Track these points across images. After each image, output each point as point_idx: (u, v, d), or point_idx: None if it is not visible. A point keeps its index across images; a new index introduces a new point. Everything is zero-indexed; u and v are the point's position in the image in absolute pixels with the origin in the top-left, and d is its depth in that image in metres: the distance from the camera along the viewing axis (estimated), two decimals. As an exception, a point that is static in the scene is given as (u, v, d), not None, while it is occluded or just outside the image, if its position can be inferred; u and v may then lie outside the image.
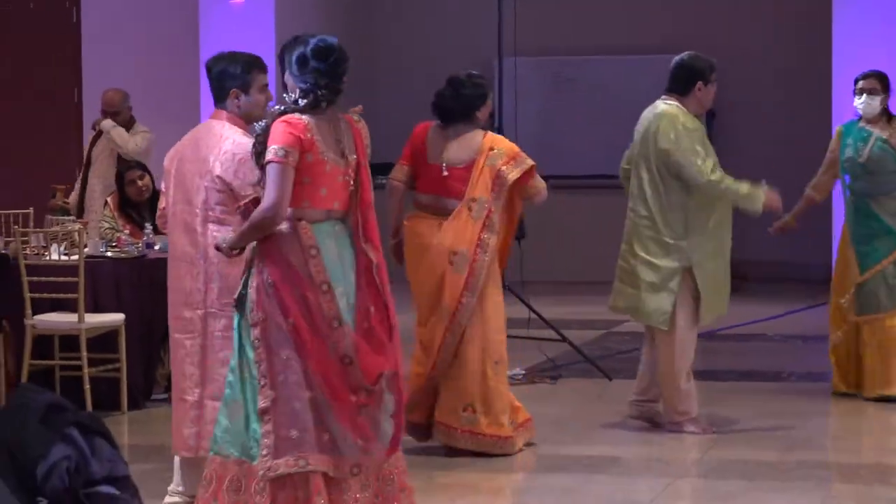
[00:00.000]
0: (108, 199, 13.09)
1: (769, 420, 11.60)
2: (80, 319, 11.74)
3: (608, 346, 15.11)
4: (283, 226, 7.25)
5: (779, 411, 11.87)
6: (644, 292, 10.43)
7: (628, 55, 20.00)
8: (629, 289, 10.63)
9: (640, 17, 20.26)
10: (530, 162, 10.05)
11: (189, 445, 7.84)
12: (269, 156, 7.18)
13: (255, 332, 7.27)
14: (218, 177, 7.90)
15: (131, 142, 14.52)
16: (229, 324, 7.74)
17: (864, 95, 11.54)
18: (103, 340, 12.03)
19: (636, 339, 12.83)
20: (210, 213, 7.97)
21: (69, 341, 11.97)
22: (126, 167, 13.24)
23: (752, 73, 19.68)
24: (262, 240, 7.30)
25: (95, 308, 11.89)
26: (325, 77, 7.40)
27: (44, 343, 12.05)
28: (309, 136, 7.24)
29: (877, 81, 11.60)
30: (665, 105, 10.43)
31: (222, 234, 7.80)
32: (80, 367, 11.76)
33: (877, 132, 11.50)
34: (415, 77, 17.74)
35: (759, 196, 10.32)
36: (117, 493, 4.74)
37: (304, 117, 7.30)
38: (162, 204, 8.39)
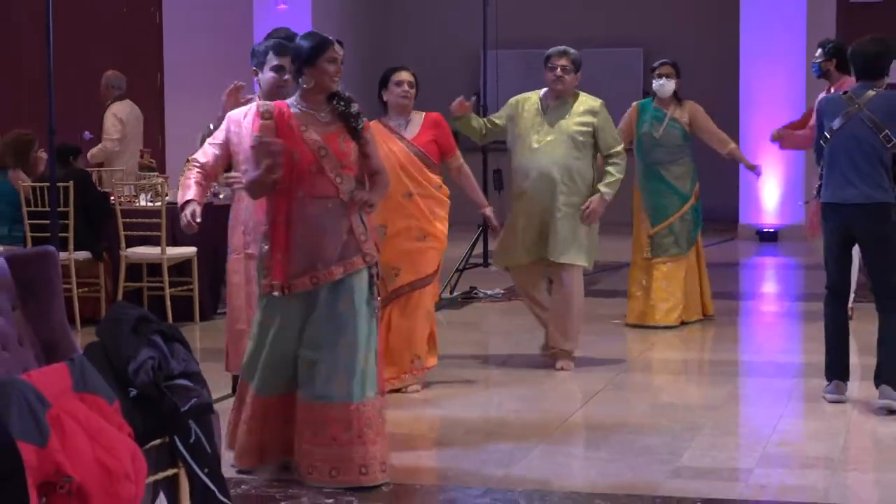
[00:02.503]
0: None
1: (689, 329, 11.67)
2: (162, 251, 11.81)
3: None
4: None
5: (696, 323, 11.94)
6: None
7: (595, 48, 19.88)
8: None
9: (602, 15, 20.12)
10: None
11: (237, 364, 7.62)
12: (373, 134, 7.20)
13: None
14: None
15: None
16: None
17: (663, 79, 11.41)
18: (180, 267, 12.13)
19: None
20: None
21: (153, 268, 12.06)
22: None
23: (684, 60, 19.61)
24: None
25: (174, 242, 11.94)
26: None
27: (134, 270, 12.12)
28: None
29: (672, 68, 11.47)
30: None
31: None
32: (162, 288, 11.84)
33: (669, 112, 11.41)
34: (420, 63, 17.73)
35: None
36: (191, 385, 4.76)
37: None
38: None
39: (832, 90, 11.14)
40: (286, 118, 6.96)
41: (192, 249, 11.93)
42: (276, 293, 6.90)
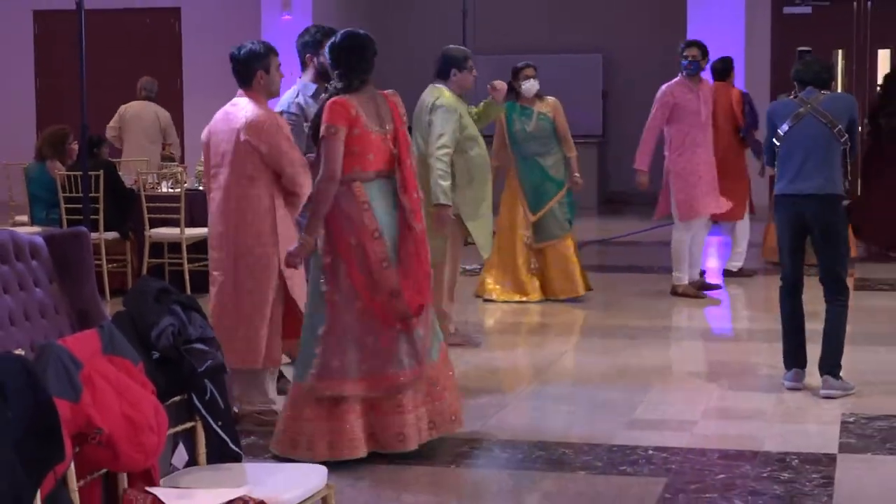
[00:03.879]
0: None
1: (645, 299, 11.69)
2: (181, 232, 11.77)
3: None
4: (341, 188, 6.48)
5: (651, 292, 11.96)
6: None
7: (559, 53, 19.82)
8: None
9: (566, 24, 20.08)
10: None
11: None
12: (321, 133, 6.51)
13: (326, 260, 6.54)
14: (245, 141, 7.01)
15: None
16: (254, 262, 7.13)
17: (529, 80, 11.12)
18: (197, 246, 12.07)
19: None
20: (242, 170, 7.09)
21: (174, 247, 12.01)
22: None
23: (637, 65, 19.56)
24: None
25: (191, 224, 11.90)
26: (357, 62, 6.65)
27: (157, 248, 12.10)
28: (354, 112, 6.49)
29: (534, 70, 11.21)
30: (435, 87, 9.29)
31: (254, 189, 7.08)
32: (181, 264, 11.81)
33: (535, 108, 11.19)
34: (397, 71, 17.61)
35: (437, 198, 8.83)
36: (206, 348, 4.76)
37: (348, 97, 6.54)
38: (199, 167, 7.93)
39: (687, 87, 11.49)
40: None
41: (207, 230, 11.90)
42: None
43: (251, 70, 7.11)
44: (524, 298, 11.28)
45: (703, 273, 12.33)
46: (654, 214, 12.10)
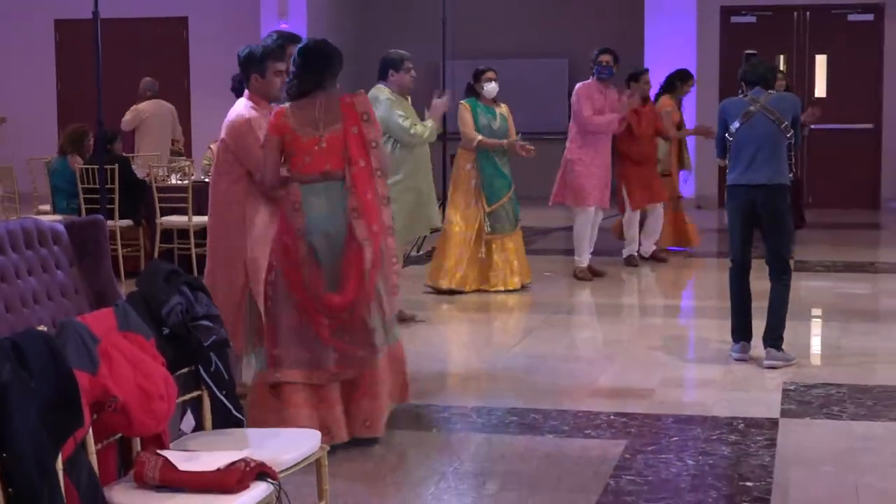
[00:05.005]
0: (212, 146, 13.05)
1: (607, 279, 11.70)
2: (189, 220, 11.75)
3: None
4: (284, 189, 6.30)
5: (605, 276, 11.98)
6: None
7: (528, 58, 19.80)
8: None
9: (536, 30, 20.06)
10: None
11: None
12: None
13: (271, 257, 6.33)
14: (222, 139, 6.83)
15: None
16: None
17: (492, 82, 10.87)
18: (203, 232, 12.04)
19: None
20: (220, 166, 6.87)
21: (182, 233, 12.00)
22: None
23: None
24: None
25: (198, 212, 11.86)
26: (305, 70, 6.35)
27: (167, 234, 12.07)
28: (283, 120, 6.22)
29: (495, 74, 11.00)
30: (376, 87, 9.29)
31: (227, 184, 6.78)
32: (189, 249, 11.79)
33: (497, 109, 10.98)
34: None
35: (430, 126, 9.26)
36: (211, 325, 4.75)
37: (287, 105, 6.32)
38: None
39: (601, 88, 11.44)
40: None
41: (214, 219, 11.92)
42: None
43: (247, 73, 6.87)
44: (473, 288, 10.87)
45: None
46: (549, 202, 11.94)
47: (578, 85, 11.57)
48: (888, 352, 8.61)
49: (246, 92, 6.93)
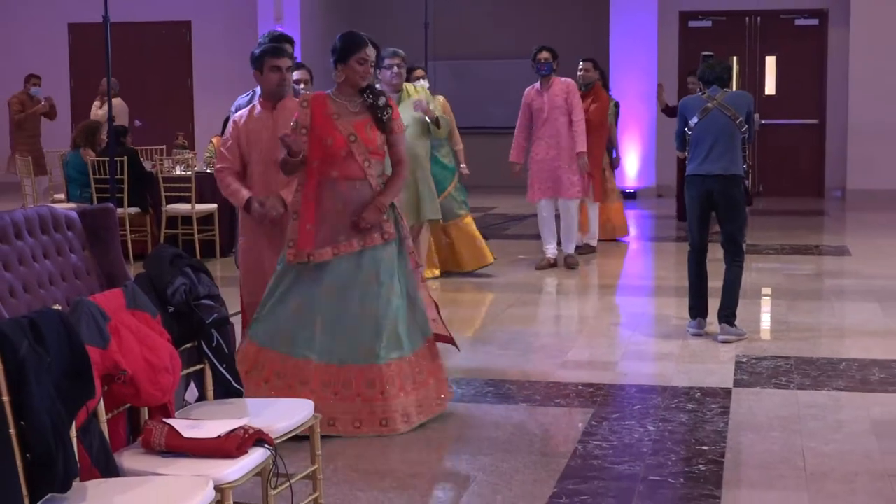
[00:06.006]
0: (213, 139, 12.99)
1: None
2: (192, 207, 11.74)
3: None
4: None
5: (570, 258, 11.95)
6: None
7: (509, 59, 19.76)
8: None
9: (513, 31, 20.02)
10: None
11: None
12: (400, 126, 6.06)
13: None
14: None
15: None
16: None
17: (420, 80, 10.36)
18: (205, 219, 12.05)
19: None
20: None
21: (186, 219, 11.98)
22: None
23: (568, 69, 19.51)
24: None
25: (200, 200, 11.87)
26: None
27: (172, 221, 12.05)
28: None
29: (423, 71, 10.75)
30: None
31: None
32: (192, 234, 11.78)
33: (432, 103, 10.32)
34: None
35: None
36: (213, 304, 4.73)
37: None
38: None
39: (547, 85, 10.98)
40: (322, 107, 5.97)
41: (213, 206, 11.88)
42: (301, 260, 5.92)
43: (254, 70, 6.54)
44: (437, 273, 10.72)
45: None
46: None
47: (529, 88, 11.23)
48: (831, 327, 8.64)
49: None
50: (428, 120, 9.36)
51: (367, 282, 5.93)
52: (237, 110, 6.93)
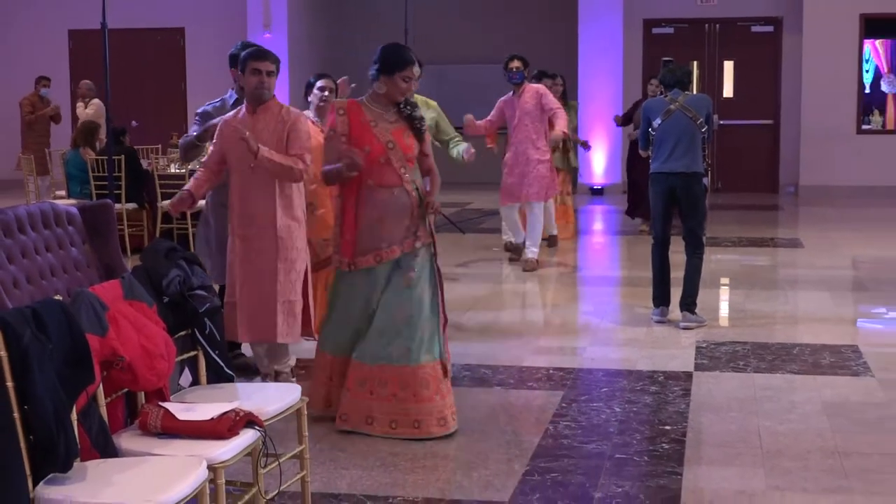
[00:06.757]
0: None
1: (544, 252, 11.69)
2: (186, 203, 11.70)
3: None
4: None
5: (547, 247, 11.95)
6: None
7: (489, 64, 19.72)
8: None
9: (492, 37, 20.00)
10: None
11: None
12: (429, 135, 5.82)
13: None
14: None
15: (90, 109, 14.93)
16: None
17: (324, 92, 10.03)
18: (198, 214, 11.90)
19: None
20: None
21: (181, 215, 11.90)
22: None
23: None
24: None
25: (194, 197, 11.84)
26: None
27: (167, 216, 11.96)
28: None
29: (326, 82, 10.37)
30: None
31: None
32: (186, 229, 11.71)
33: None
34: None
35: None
36: (206, 294, 4.71)
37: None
38: None
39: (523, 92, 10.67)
40: (358, 115, 5.70)
41: (207, 200, 11.80)
42: (344, 268, 5.72)
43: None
44: None
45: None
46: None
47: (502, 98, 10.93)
48: (785, 314, 8.67)
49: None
50: (465, 158, 9.11)
51: (401, 283, 5.67)
52: (203, 116, 6.79)
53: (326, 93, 7.15)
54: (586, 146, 12.87)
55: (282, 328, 6.05)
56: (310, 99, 7.18)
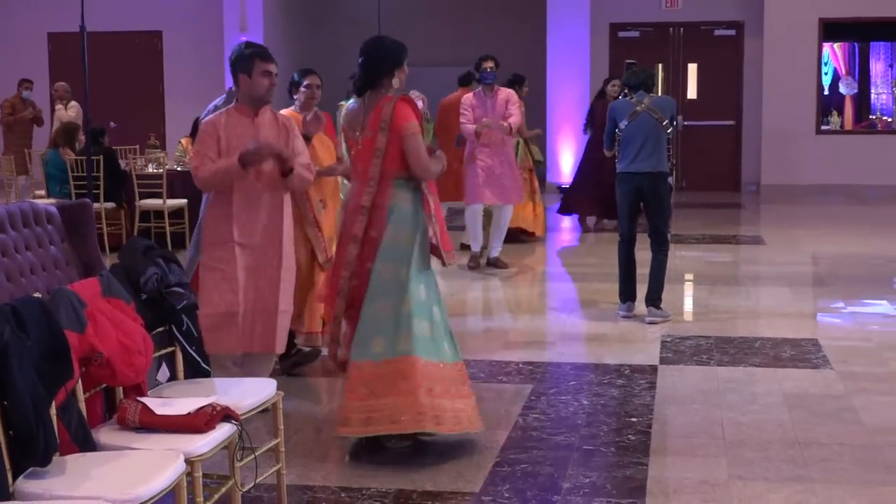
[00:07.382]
0: (182, 140, 12.85)
1: (516, 250, 11.69)
2: (164, 202, 11.63)
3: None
4: None
5: (512, 249, 11.96)
6: None
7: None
8: None
9: (472, 38, 20.00)
10: None
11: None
12: None
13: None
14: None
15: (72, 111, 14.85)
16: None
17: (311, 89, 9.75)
18: (176, 213, 11.93)
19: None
20: None
21: (158, 214, 11.86)
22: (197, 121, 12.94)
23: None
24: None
25: (171, 196, 11.76)
26: (359, 69, 5.37)
27: (144, 215, 11.93)
28: (342, 122, 5.50)
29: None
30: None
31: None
32: (164, 227, 11.68)
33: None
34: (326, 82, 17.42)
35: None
36: (183, 291, 4.69)
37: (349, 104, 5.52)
38: None
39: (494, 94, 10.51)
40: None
41: (184, 201, 11.76)
42: (451, 261, 5.54)
43: (235, 74, 5.52)
44: None
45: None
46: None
47: (468, 94, 10.74)
48: (747, 309, 8.70)
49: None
50: None
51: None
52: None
53: (314, 89, 6.80)
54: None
55: (280, 339, 5.55)
56: (296, 97, 6.82)
